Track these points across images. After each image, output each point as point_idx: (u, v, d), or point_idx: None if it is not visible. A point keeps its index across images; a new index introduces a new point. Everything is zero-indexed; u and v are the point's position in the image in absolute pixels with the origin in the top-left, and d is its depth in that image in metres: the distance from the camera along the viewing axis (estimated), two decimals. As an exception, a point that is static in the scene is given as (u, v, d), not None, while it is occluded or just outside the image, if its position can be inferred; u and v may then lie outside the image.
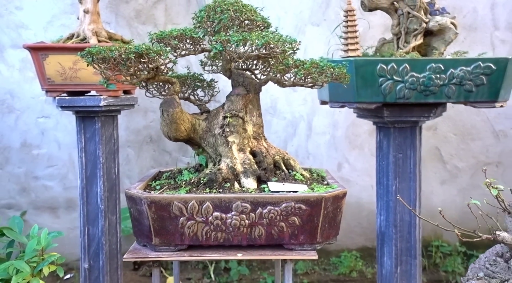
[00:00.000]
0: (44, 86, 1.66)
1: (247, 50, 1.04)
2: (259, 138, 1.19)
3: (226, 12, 1.06)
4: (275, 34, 1.06)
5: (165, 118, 1.14)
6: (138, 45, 1.01)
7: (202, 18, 1.10)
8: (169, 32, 1.09)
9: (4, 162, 2.31)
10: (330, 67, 1.06)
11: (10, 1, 2.20)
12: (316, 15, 2.29)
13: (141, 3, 2.26)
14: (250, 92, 1.17)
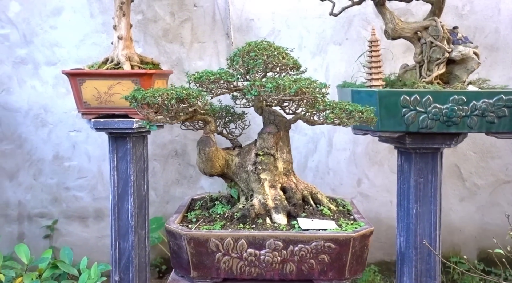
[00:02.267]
0: (81, 109, 1.76)
1: (280, 95, 1.10)
2: (289, 174, 1.25)
3: (259, 57, 1.12)
4: (307, 80, 1.12)
5: (201, 156, 1.21)
6: (179, 89, 1.08)
7: (237, 63, 1.16)
8: (206, 75, 1.16)
9: (37, 173, 2.42)
10: (358, 111, 1.12)
11: (46, 20, 2.31)
12: (338, 34, 2.34)
13: (168, 23, 2.34)
14: (280, 130, 1.24)
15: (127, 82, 1.70)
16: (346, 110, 1.10)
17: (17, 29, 2.31)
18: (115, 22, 1.80)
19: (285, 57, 1.21)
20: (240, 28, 2.34)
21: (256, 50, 1.15)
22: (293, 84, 1.07)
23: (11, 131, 2.39)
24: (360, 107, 1.18)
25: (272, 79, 1.08)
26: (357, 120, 1.13)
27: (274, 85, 1.05)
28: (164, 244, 2.36)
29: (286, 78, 1.10)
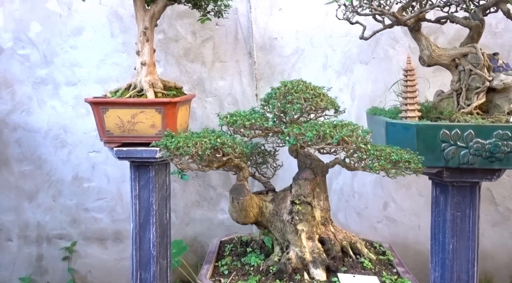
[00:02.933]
0: (103, 138, 1.71)
1: (321, 144, 1.03)
2: (327, 223, 1.18)
3: (297, 101, 1.05)
4: (349, 126, 1.04)
5: (235, 206, 1.15)
6: (213, 137, 1.02)
7: (273, 107, 1.10)
8: (241, 120, 1.09)
9: (56, 194, 2.39)
10: (405, 161, 1.04)
11: (66, 40, 2.28)
12: (365, 53, 2.26)
13: (190, 42, 2.29)
14: (317, 176, 1.17)
15: (150, 111, 1.64)
16: (392, 161, 1.03)
17: (37, 49, 2.28)
18: (138, 48, 1.75)
19: (323, 99, 1.14)
20: (263, 47, 2.28)
21: (293, 93, 1.08)
22: (335, 131, 1.00)
23: (31, 152, 2.36)
24: (406, 156, 1.10)
25: (311, 126, 1.01)
26: (404, 172, 1.05)
27: (314, 134, 0.98)
28: (184, 268, 2.30)
29: (326, 123, 1.03)
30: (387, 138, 1.48)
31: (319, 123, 1.04)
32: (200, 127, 2.34)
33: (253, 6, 2.24)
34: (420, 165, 1.12)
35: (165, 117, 1.66)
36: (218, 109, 2.34)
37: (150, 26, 1.72)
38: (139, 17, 1.72)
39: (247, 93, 2.32)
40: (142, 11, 1.71)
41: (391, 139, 1.47)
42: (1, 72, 2.29)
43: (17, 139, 2.35)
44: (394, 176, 1.07)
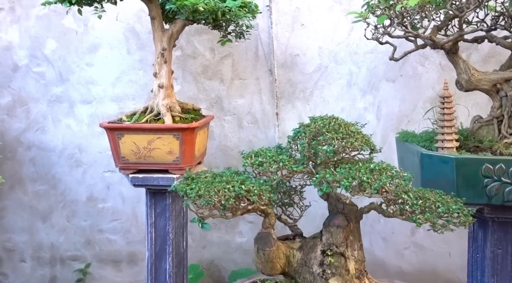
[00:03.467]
0: (118, 164, 1.64)
1: (357, 194, 0.94)
2: (362, 276, 1.08)
3: (329, 141, 0.95)
4: (387, 170, 0.94)
5: (260, 257, 1.05)
6: (237, 183, 0.93)
7: (303, 149, 1.00)
8: (267, 163, 1.00)
9: (71, 215, 2.33)
10: (454, 212, 0.93)
11: (82, 58, 2.22)
12: (392, 70, 2.14)
13: (208, 59, 2.21)
14: (350, 222, 1.06)
15: (168, 137, 1.56)
16: (438, 213, 0.92)
17: (53, 66, 2.23)
18: (155, 69, 1.68)
19: (357, 138, 1.04)
20: (284, 64, 2.18)
21: (324, 132, 0.99)
22: (373, 178, 0.89)
23: (45, 171, 2.31)
24: (453, 206, 0.98)
25: (346, 171, 0.91)
26: (452, 225, 0.94)
27: (350, 183, 0.88)
28: (201, 293, 2.21)
29: (362, 167, 0.93)
30: (422, 171, 1.37)
31: (354, 168, 0.93)
32: (218, 147, 2.25)
33: (274, 21, 2.15)
34: (470, 218, 1.00)
35: (183, 144, 1.57)
36: (237, 128, 2.25)
37: (168, 47, 1.64)
38: (156, 37, 1.65)
39: (267, 112, 2.22)
40: (160, 32, 1.64)
41: (427, 173, 1.36)
42: (16, 90, 2.25)
43: (32, 158, 2.30)
44: (442, 230, 0.96)
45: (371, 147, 1.09)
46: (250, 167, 1.03)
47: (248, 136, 2.25)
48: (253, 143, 2.25)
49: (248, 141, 2.25)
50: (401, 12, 1.27)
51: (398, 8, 1.23)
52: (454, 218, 0.94)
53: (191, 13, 1.42)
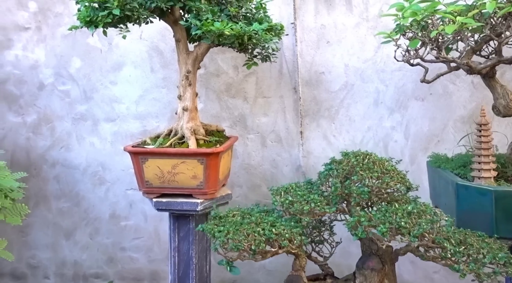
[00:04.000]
0: (142, 188, 1.62)
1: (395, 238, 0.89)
2: None
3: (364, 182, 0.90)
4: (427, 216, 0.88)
5: None
6: (268, 227, 0.89)
7: (335, 189, 0.95)
8: (298, 204, 0.96)
9: (94, 232, 2.33)
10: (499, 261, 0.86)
11: (106, 76, 2.23)
12: (421, 88, 2.07)
13: (231, 77, 2.18)
14: (385, 264, 1.01)
15: (192, 162, 1.54)
16: (483, 263, 0.85)
17: (77, 85, 2.24)
18: (180, 92, 1.66)
19: (393, 176, 0.98)
20: (309, 82, 2.14)
21: (358, 171, 0.94)
22: (411, 222, 0.84)
23: (69, 189, 2.32)
24: (500, 254, 0.92)
25: (382, 214, 0.86)
26: (500, 278, 0.88)
27: (387, 228, 0.83)
28: (223, 315, 2.17)
29: (399, 210, 0.88)
30: (458, 202, 1.30)
31: (391, 210, 0.88)
32: (241, 165, 2.22)
33: (299, 39, 2.11)
34: (520, 269, 0.93)
35: (207, 168, 1.55)
36: (260, 147, 2.21)
37: (193, 69, 1.62)
38: (181, 60, 1.63)
39: (291, 130, 2.18)
40: (184, 54, 1.62)
41: (463, 204, 1.29)
42: (42, 108, 2.27)
43: (56, 176, 2.31)
44: (488, 281, 0.89)
45: (407, 186, 1.03)
46: (280, 206, 0.98)
47: (271, 155, 2.21)
48: (277, 162, 2.21)
49: (272, 160, 2.21)
50: (436, 38, 1.22)
51: (434, 35, 1.17)
52: (501, 267, 0.87)
53: (216, 37, 1.39)
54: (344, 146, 2.15)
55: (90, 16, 1.38)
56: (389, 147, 2.12)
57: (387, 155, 2.11)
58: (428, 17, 1.25)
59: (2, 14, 2.19)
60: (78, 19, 1.46)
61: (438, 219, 0.93)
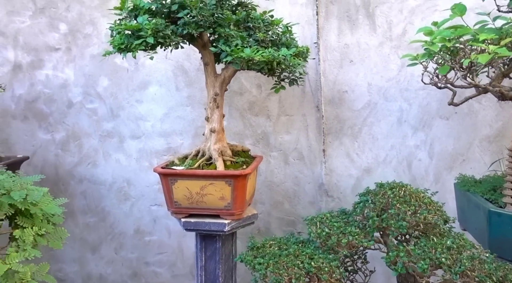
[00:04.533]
0: (171, 208, 1.65)
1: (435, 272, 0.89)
2: None
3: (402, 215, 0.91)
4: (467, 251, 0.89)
5: None
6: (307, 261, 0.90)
7: (373, 223, 0.96)
8: (335, 237, 0.97)
9: (118, 247, 2.37)
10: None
11: (132, 94, 2.28)
12: (445, 107, 2.06)
13: (255, 95, 2.21)
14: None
15: (220, 183, 1.56)
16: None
17: (104, 103, 2.30)
18: (207, 114, 1.69)
19: (430, 210, 0.99)
20: (332, 100, 2.15)
21: (395, 204, 0.94)
22: (451, 258, 0.84)
23: (95, 204, 2.37)
24: None
25: (421, 250, 0.87)
26: None
27: (428, 265, 0.84)
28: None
29: (438, 245, 0.88)
30: (490, 228, 1.29)
31: (429, 245, 0.89)
32: (264, 182, 2.24)
33: (322, 58, 2.13)
34: None
35: (235, 190, 1.57)
36: (283, 164, 2.23)
37: (220, 92, 1.66)
38: (209, 83, 1.66)
39: (313, 148, 2.19)
40: (212, 77, 1.65)
41: (495, 231, 1.28)
42: (70, 126, 2.33)
43: (83, 191, 2.37)
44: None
45: (444, 219, 1.04)
46: (316, 237, 1.00)
47: (294, 172, 2.23)
48: (299, 179, 2.22)
49: (294, 177, 2.23)
50: (468, 66, 1.22)
51: (466, 64, 1.18)
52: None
53: (246, 63, 1.42)
54: (367, 164, 2.15)
55: (124, 43, 1.42)
56: (413, 165, 2.11)
57: (410, 173, 2.11)
58: (458, 43, 1.25)
59: (35, 36, 2.27)
60: (112, 45, 1.51)
61: (479, 255, 0.93)
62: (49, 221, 1.22)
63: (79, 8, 2.24)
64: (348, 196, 2.20)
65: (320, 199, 2.21)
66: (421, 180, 2.11)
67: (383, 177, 2.13)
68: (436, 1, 1.99)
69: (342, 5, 2.08)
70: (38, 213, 1.11)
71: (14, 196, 1.03)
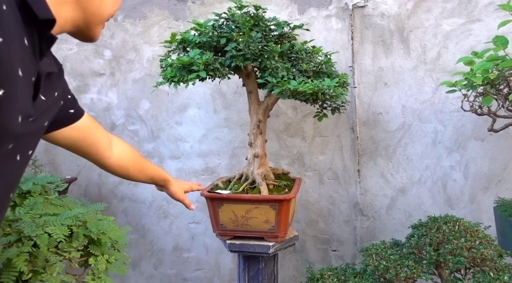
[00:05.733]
0: (217, 230, 1.72)
1: None
2: None
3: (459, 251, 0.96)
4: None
5: None
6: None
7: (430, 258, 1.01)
8: (393, 268, 1.02)
9: (158, 263, 2.46)
10: None
11: (172, 116, 2.38)
12: (480, 129, 2.09)
13: (290, 117, 2.28)
14: (477, 327, 1.06)
15: (265, 207, 1.63)
16: None
17: (146, 125, 2.40)
18: (250, 139, 1.76)
19: (486, 245, 1.03)
20: (366, 122, 2.20)
21: (452, 240, 0.99)
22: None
23: (135, 222, 2.46)
24: None
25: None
26: None
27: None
28: None
29: (495, 279, 0.93)
30: (535, 255, 1.32)
31: (487, 280, 0.93)
32: (299, 201, 2.29)
33: (357, 81, 2.18)
34: None
35: (279, 213, 1.63)
36: (318, 184, 2.28)
37: (263, 119, 1.73)
38: (252, 110, 1.74)
39: (348, 168, 2.24)
40: (256, 105, 1.73)
41: (541, 258, 1.31)
42: (113, 146, 2.43)
43: (124, 209, 2.46)
44: None
45: (499, 253, 1.08)
46: (374, 269, 1.05)
47: (328, 192, 2.28)
48: (334, 198, 2.27)
49: (329, 196, 2.28)
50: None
51: (511, 98, 1.22)
52: None
53: (291, 93, 1.49)
54: (402, 184, 2.19)
55: (176, 76, 1.51)
56: (448, 186, 2.14)
57: (445, 193, 2.14)
58: (502, 75, 1.30)
59: (81, 62, 2.39)
60: (163, 77, 1.60)
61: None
62: (114, 247, 1.30)
63: (122, 35, 2.36)
64: (382, 215, 2.24)
65: (355, 218, 2.25)
66: (456, 200, 2.13)
67: (418, 197, 2.17)
68: (470, 26, 2.02)
69: (376, 30, 2.13)
70: (108, 242, 1.20)
71: (91, 228, 1.12)
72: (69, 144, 1.01)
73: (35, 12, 0.59)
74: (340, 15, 2.17)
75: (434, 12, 2.06)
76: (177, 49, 1.68)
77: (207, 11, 2.29)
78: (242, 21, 1.55)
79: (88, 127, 1.05)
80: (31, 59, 0.62)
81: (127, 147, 1.22)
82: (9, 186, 0.69)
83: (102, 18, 0.74)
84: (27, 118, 0.63)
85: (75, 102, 0.99)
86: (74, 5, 0.69)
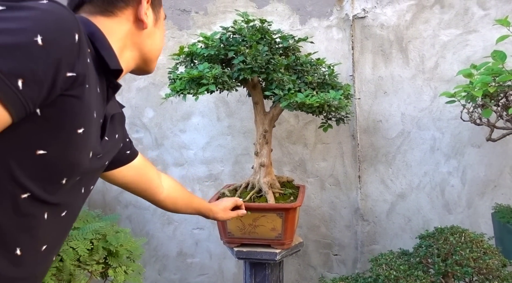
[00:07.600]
0: (224, 238, 1.77)
1: None
2: None
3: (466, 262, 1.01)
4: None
5: None
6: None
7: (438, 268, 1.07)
8: (403, 278, 1.07)
9: (162, 269, 2.49)
10: None
11: (176, 124, 2.41)
12: (477, 136, 2.16)
13: (292, 124, 2.33)
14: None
15: (272, 215, 1.68)
16: None
17: (150, 133, 2.44)
18: (256, 149, 1.81)
19: (491, 256, 1.08)
20: (367, 129, 2.26)
21: (458, 251, 1.05)
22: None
23: (140, 228, 2.49)
24: None
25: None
26: None
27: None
28: None
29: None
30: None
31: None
32: (301, 207, 2.34)
33: (357, 89, 2.24)
34: None
35: (286, 221, 1.68)
36: (319, 190, 2.34)
37: (269, 129, 1.78)
38: (258, 120, 1.78)
39: (349, 174, 2.30)
40: (262, 115, 1.77)
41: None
42: (117, 154, 2.46)
43: (128, 216, 2.50)
44: None
45: (503, 263, 1.13)
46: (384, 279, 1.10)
47: (330, 197, 2.33)
48: (335, 204, 2.33)
49: (330, 202, 2.33)
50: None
51: (511, 112, 1.28)
52: None
53: (298, 105, 1.54)
54: (401, 189, 2.25)
55: (186, 89, 1.55)
56: (446, 191, 2.21)
57: (444, 198, 2.20)
58: (501, 88, 1.36)
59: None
60: (171, 89, 1.64)
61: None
62: (130, 258, 1.34)
63: (126, 45, 2.39)
64: (382, 220, 2.30)
65: (356, 223, 2.31)
66: (454, 205, 2.20)
67: (417, 202, 2.23)
68: (467, 36, 2.09)
69: (376, 41, 2.19)
70: (125, 253, 1.24)
71: (111, 241, 1.16)
72: (126, 181, 1.09)
73: (107, 63, 0.68)
74: (341, 26, 2.22)
75: (432, 23, 2.13)
76: (185, 62, 1.72)
77: (210, 21, 2.33)
78: (249, 35, 1.59)
79: (142, 166, 1.13)
80: (101, 104, 0.70)
81: (174, 181, 1.28)
82: (73, 216, 0.75)
83: (156, 53, 0.85)
84: (95, 156, 0.71)
85: (131, 144, 1.10)
86: (132, 48, 0.79)
